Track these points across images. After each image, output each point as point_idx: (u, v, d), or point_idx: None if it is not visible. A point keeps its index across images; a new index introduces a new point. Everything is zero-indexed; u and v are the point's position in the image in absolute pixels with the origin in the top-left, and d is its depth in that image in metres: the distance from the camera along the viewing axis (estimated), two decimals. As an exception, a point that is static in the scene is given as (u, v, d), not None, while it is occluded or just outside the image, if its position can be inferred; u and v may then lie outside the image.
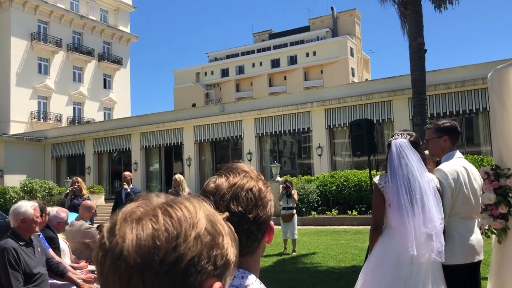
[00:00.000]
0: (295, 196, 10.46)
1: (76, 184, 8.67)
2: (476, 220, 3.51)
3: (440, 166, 3.39)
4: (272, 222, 1.23)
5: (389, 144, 3.18)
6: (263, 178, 1.24)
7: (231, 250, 0.71)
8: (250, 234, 1.16)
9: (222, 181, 1.18)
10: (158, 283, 0.61)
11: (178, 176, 8.61)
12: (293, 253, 10.02)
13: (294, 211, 10.43)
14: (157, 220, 0.64)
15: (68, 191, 9.00)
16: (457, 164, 3.40)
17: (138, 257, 0.60)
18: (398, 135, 3.22)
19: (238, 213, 1.13)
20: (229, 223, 0.76)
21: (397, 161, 3.05)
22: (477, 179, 3.48)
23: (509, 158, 3.68)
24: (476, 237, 3.36)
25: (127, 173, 9.38)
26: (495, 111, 3.79)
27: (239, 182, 1.17)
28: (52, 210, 5.36)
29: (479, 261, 3.39)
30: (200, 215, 0.68)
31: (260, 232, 1.19)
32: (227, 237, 0.71)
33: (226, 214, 0.83)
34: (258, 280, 1.18)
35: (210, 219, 0.70)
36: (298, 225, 10.58)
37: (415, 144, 3.16)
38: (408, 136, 3.20)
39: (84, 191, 8.77)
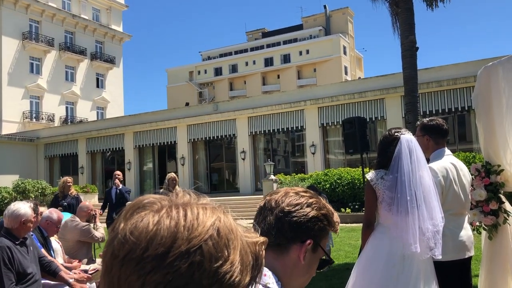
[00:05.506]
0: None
1: (68, 183, 8.60)
2: (466, 216, 3.54)
3: (429, 164, 3.37)
4: (307, 247, 1.18)
5: (396, 139, 3.05)
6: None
7: (236, 274, 0.62)
8: (280, 227, 1.18)
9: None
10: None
11: (174, 175, 8.57)
12: None
13: None
14: (152, 219, 0.61)
15: (58, 193, 8.76)
16: (446, 162, 3.43)
17: (121, 250, 0.60)
18: (400, 131, 3.12)
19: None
20: (259, 245, 0.69)
21: (407, 156, 2.97)
22: (466, 175, 3.52)
23: (495, 156, 3.71)
24: (467, 233, 3.39)
25: (118, 172, 9.56)
26: (480, 108, 3.81)
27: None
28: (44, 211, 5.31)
29: (470, 257, 3.42)
30: (202, 228, 0.61)
31: (292, 233, 1.18)
32: (236, 257, 0.62)
33: (265, 239, 0.73)
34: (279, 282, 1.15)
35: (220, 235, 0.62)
36: None
37: None
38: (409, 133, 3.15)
39: (72, 189, 8.68)
